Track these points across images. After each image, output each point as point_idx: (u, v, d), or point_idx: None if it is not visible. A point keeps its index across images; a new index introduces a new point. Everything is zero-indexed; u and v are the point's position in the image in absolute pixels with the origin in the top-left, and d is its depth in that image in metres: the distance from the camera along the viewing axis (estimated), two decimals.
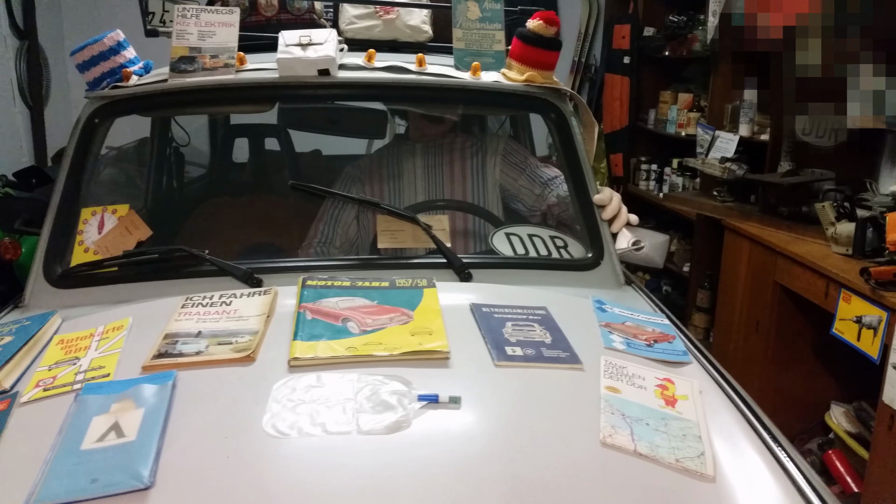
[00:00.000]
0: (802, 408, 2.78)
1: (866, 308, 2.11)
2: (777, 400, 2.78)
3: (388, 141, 2.33)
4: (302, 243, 1.92)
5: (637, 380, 1.18)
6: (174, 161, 2.47)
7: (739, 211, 2.94)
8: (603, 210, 1.72)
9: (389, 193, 2.00)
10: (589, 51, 4.97)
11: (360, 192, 1.99)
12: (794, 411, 2.79)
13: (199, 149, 2.74)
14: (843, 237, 2.38)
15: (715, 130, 3.32)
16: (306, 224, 1.92)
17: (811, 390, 2.77)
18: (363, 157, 2.14)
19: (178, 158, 2.48)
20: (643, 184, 4.41)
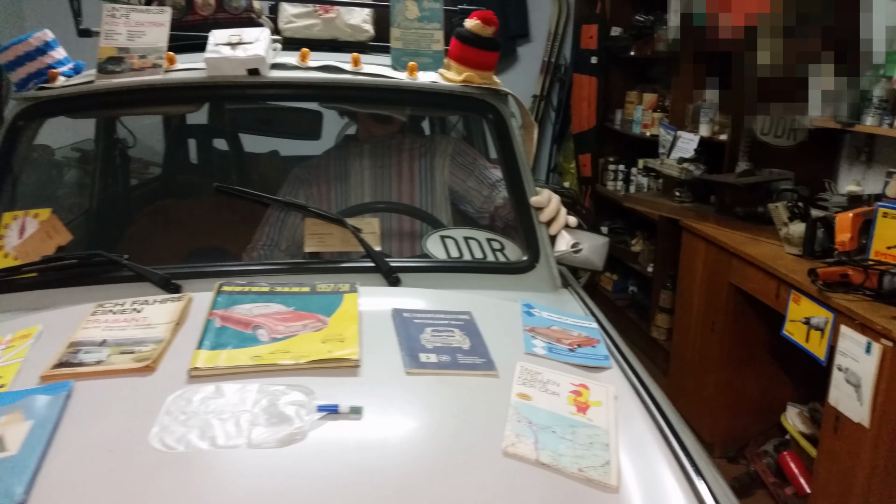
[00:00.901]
0: (760, 409, 2.78)
1: (814, 309, 2.10)
2: (734, 401, 2.78)
3: (337, 141, 2.31)
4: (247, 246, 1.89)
5: (551, 386, 1.15)
6: (121, 163, 2.43)
7: (697, 211, 2.93)
8: (541, 212, 1.70)
9: (336, 195, 1.98)
10: (559, 51, 4.96)
11: (307, 194, 1.96)
12: (752, 412, 2.79)
13: (155, 149, 2.70)
14: (796, 238, 2.37)
15: (677, 131, 3.31)
16: (253, 227, 1.89)
17: (768, 391, 2.77)
18: (311, 159, 2.11)
19: (124, 160, 2.44)
20: (611, 184, 4.41)
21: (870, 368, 1.85)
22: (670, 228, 3.22)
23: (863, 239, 2.20)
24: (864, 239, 2.19)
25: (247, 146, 2.57)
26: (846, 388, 1.95)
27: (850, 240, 2.20)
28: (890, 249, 2.08)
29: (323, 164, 2.03)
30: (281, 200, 1.74)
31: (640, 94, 4.07)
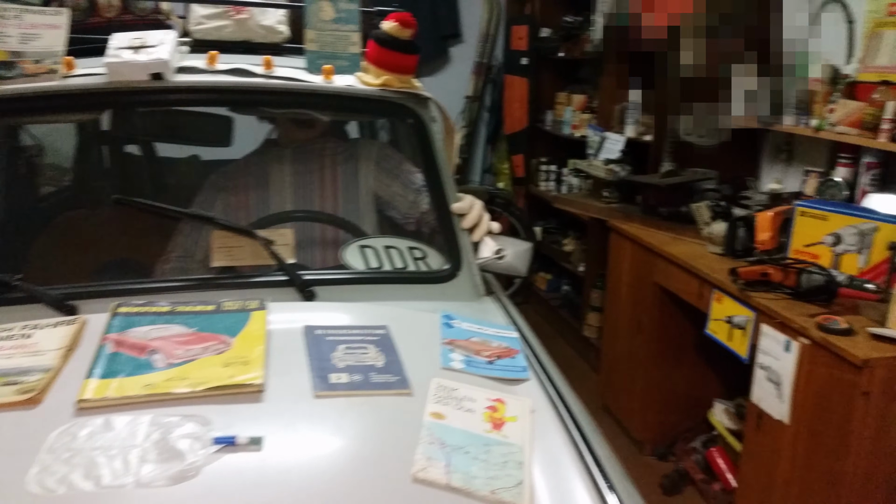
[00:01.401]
0: (688, 406, 2.82)
1: (736, 308, 2.14)
2: (663, 399, 2.81)
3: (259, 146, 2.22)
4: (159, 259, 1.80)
5: (466, 402, 1.12)
6: (26, 173, 2.28)
7: (623, 212, 2.96)
8: (463, 219, 1.67)
9: (256, 203, 1.90)
10: (491, 52, 4.95)
11: (224, 202, 1.87)
12: (681, 409, 2.83)
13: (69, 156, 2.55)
14: (718, 237, 2.41)
15: (604, 132, 3.34)
16: (166, 238, 1.79)
17: (696, 388, 2.82)
18: (229, 164, 2.02)
19: (31, 169, 2.29)
20: (543, 184, 4.43)
21: (789, 366, 1.89)
22: (599, 228, 3.24)
23: (782, 237, 2.25)
24: (783, 237, 2.24)
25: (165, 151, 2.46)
26: (767, 386, 1.99)
27: (770, 238, 2.25)
28: (808, 248, 2.13)
29: (241, 171, 1.95)
30: (181, 212, 1.65)
31: (570, 95, 4.10)
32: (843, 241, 2.02)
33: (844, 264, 2.02)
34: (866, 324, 1.80)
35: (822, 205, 2.12)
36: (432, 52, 4.78)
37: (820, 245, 2.07)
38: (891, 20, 2.17)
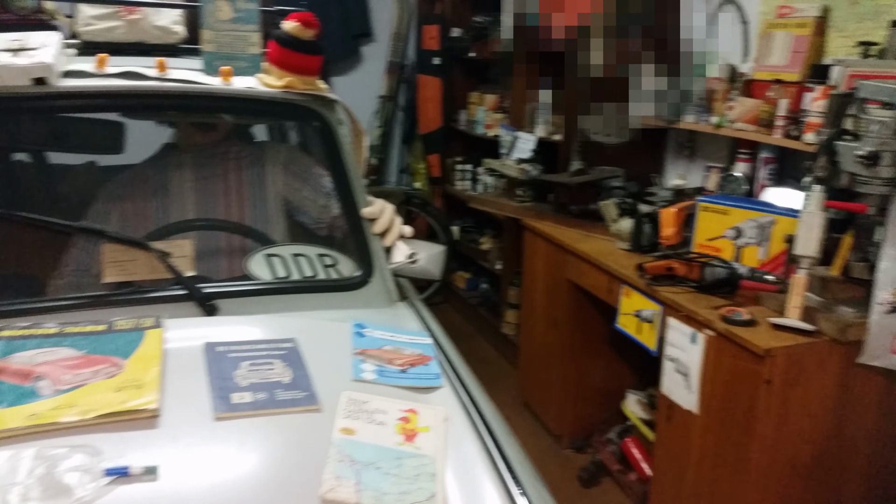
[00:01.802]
0: (603, 398, 2.88)
1: (644, 302, 2.19)
2: (579, 392, 2.86)
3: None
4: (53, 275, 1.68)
5: (378, 415, 1.09)
6: None
7: (536, 210, 2.99)
8: (374, 224, 1.64)
9: (154, 211, 1.81)
10: (403, 51, 4.92)
11: (121, 212, 1.77)
12: (596, 402, 2.89)
13: None
14: (625, 233, 2.47)
15: (516, 131, 3.37)
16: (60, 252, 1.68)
17: (611, 380, 2.88)
18: (126, 171, 1.92)
19: None
20: (459, 184, 4.44)
21: (696, 358, 1.95)
22: (514, 227, 3.27)
23: (686, 232, 2.32)
24: (687, 232, 2.31)
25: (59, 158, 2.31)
26: (676, 378, 2.04)
27: (675, 234, 2.32)
28: (711, 241, 2.21)
29: (139, 178, 1.85)
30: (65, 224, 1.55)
31: (482, 95, 4.12)
32: (744, 235, 2.10)
33: (745, 257, 2.11)
34: (767, 314, 1.87)
35: (722, 200, 2.20)
36: (343, 52, 4.71)
37: (722, 239, 2.15)
38: (781, 21, 2.28)
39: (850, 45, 2.06)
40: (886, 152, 1.63)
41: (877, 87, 1.64)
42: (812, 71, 2.08)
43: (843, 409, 1.85)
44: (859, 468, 1.93)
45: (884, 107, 1.63)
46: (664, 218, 2.35)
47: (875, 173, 1.65)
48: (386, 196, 1.93)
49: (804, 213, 1.75)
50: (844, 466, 1.91)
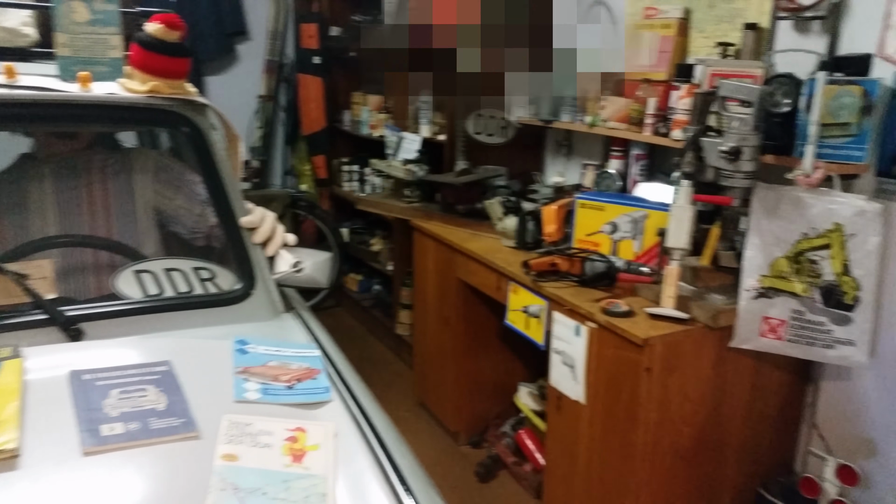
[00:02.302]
0: (497, 392, 2.93)
1: (530, 298, 2.24)
2: (474, 388, 2.89)
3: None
4: None
5: (263, 437, 1.05)
6: None
7: (424, 211, 3.00)
8: (254, 233, 1.57)
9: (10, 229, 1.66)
10: (282, 50, 4.79)
11: None
12: (491, 396, 2.93)
13: None
14: (510, 231, 2.51)
15: (400, 132, 3.35)
16: None
17: (503, 374, 2.93)
18: None
19: None
20: (347, 185, 4.38)
21: (580, 350, 2.01)
22: (404, 227, 3.26)
23: (567, 228, 2.39)
24: (568, 228, 2.38)
25: None
26: (563, 370, 2.10)
27: (556, 230, 2.39)
28: (589, 237, 2.29)
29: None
30: None
31: (365, 95, 4.08)
32: (620, 229, 2.19)
33: (622, 250, 2.19)
34: (644, 304, 1.95)
35: (598, 196, 2.28)
36: (217, 51, 4.53)
37: (600, 234, 2.23)
38: (647, 22, 2.38)
39: (711, 46, 2.19)
40: (747, 147, 1.73)
41: (735, 85, 1.75)
42: (677, 70, 2.19)
43: (719, 392, 1.96)
44: (735, 445, 2.06)
45: (742, 104, 1.74)
46: (546, 215, 2.41)
47: (737, 167, 1.75)
48: (271, 199, 1.86)
49: (674, 207, 1.84)
50: (722, 444, 2.03)
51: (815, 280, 1.76)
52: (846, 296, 1.73)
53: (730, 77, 1.84)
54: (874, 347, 1.92)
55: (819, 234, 1.74)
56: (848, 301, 1.73)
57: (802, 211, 1.74)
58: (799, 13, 1.93)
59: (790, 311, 1.80)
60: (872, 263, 1.70)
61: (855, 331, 1.75)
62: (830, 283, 1.74)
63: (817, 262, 1.75)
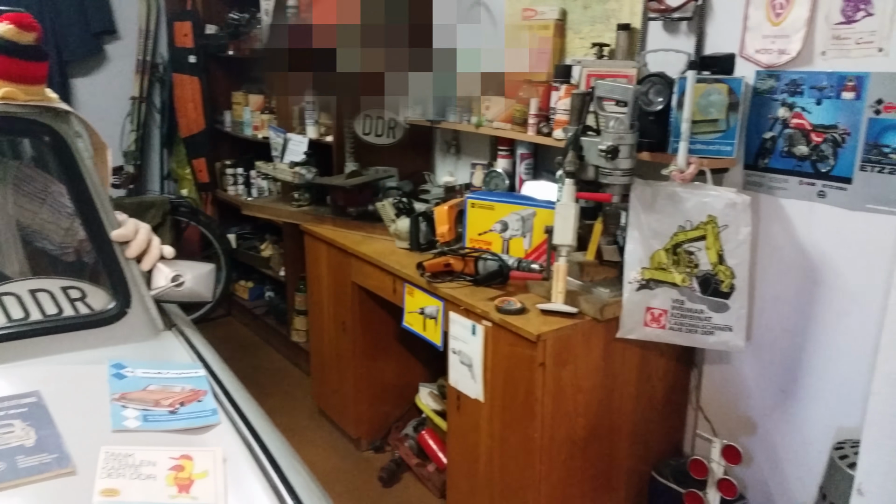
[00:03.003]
0: (398, 395, 2.91)
1: (426, 300, 2.23)
2: (374, 392, 2.87)
3: None
4: None
5: (146, 468, 0.98)
6: None
7: (315, 214, 2.93)
8: (127, 247, 1.47)
9: None
10: (154, 49, 4.55)
11: None
12: (392, 400, 2.91)
13: None
14: (403, 233, 2.50)
15: (286, 133, 3.26)
16: None
17: (404, 376, 2.92)
18: None
19: None
20: (232, 189, 4.22)
21: (477, 348, 2.03)
22: (295, 231, 3.18)
23: (459, 228, 2.41)
24: (460, 228, 2.40)
25: None
26: (461, 369, 2.11)
27: (448, 230, 2.39)
28: (481, 236, 2.31)
29: None
30: None
31: (247, 94, 3.94)
32: (510, 228, 2.22)
33: (513, 248, 2.23)
34: (536, 300, 1.99)
35: (488, 196, 2.30)
36: (84, 51, 4.26)
37: (491, 233, 2.25)
38: (526, 23, 2.43)
39: (587, 47, 2.26)
40: (624, 146, 1.80)
41: (610, 86, 1.81)
42: (557, 71, 2.24)
43: (610, 381, 2.03)
44: (627, 432, 2.14)
45: (618, 104, 1.80)
46: (438, 216, 2.41)
47: (616, 165, 1.82)
48: (149, 206, 1.76)
49: (558, 205, 1.88)
50: (615, 432, 2.10)
51: (692, 270, 1.85)
52: (722, 284, 1.83)
53: (605, 77, 1.91)
54: (750, 332, 2.05)
55: (694, 226, 1.83)
56: (724, 289, 1.84)
57: (678, 205, 1.83)
58: (667, 14, 2.03)
59: (671, 301, 1.89)
60: (744, 252, 1.81)
61: (732, 317, 1.85)
62: (707, 272, 1.84)
63: (694, 253, 1.84)
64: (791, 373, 1.99)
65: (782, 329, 1.98)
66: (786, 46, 1.81)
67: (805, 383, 1.96)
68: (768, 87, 1.87)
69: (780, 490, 2.09)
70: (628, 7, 2.16)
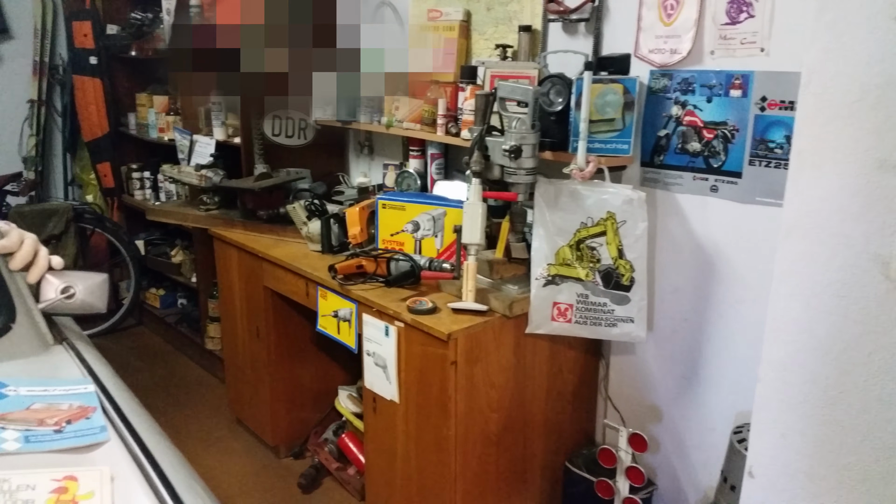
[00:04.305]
0: (317, 399, 2.88)
1: (340, 302, 2.21)
2: (292, 398, 2.82)
3: None
4: None
5: (23, 493, 0.93)
6: None
7: (224, 218, 2.85)
8: (10, 259, 1.40)
9: None
10: (52, 50, 4.34)
11: None
12: (310, 405, 2.88)
13: None
14: (315, 235, 2.46)
15: (192, 135, 3.17)
16: None
17: (322, 381, 2.88)
18: None
19: None
20: (139, 193, 4.08)
21: (391, 349, 2.02)
22: (206, 236, 3.09)
23: (372, 229, 2.39)
24: (372, 229, 2.38)
25: None
26: (376, 371, 2.10)
27: (361, 232, 2.38)
28: (394, 236, 2.30)
29: None
30: None
31: (151, 96, 3.81)
32: (422, 228, 2.22)
33: (425, 248, 2.23)
34: (448, 299, 2.00)
35: (398, 196, 2.30)
36: None
37: (403, 233, 2.25)
38: (431, 24, 2.44)
39: (492, 48, 2.29)
40: (526, 145, 1.83)
41: (512, 86, 1.84)
42: (462, 71, 2.26)
43: (521, 376, 2.06)
44: (540, 424, 2.18)
45: (519, 104, 1.83)
46: (349, 217, 2.39)
47: (519, 164, 1.85)
48: (51, 213, 1.66)
49: (466, 204, 1.90)
50: (528, 425, 2.14)
51: (595, 265, 1.90)
52: (623, 277, 1.89)
53: (508, 78, 1.93)
54: (651, 322, 2.12)
55: (595, 222, 1.88)
56: (625, 282, 1.89)
57: (579, 202, 1.88)
58: (566, 16, 2.07)
59: (576, 296, 1.93)
60: (642, 247, 1.87)
61: (633, 309, 1.92)
62: (609, 266, 1.90)
63: (596, 248, 1.89)
64: (692, 361, 2.07)
65: (682, 319, 2.06)
66: (677, 46, 1.88)
67: (705, 370, 2.05)
68: (662, 86, 1.95)
69: (687, 475, 2.17)
70: (529, 8, 2.20)
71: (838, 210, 1.05)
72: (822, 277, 1.12)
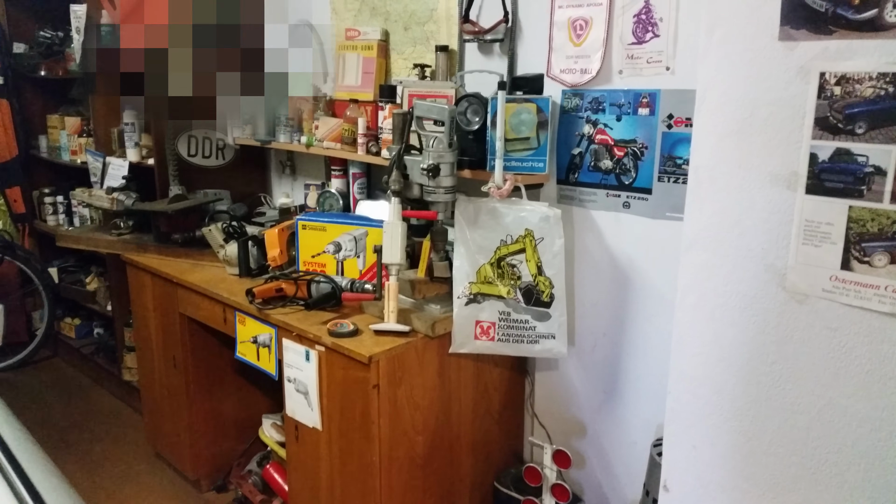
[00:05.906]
0: (240, 430, 2.78)
1: (259, 327, 2.15)
2: (212, 430, 2.72)
3: None
4: None
5: None
6: None
7: (138, 243, 2.74)
8: None
9: None
10: None
11: None
12: (233, 435, 2.78)
13: None
14: (233, 259, 2.39)
15: (105, 157, 3.05)
16: None
17: (245, 410, 2.79)
18: None
19: None
20: (51, 218, 3.90)
21: (312, 375, 1.97)
22: (120, 262, 2.96)
23: (292, 251, 2.34)
24: (293, 251, 2.33)
25: None
26: (297, 397, 2.05)
27: (280, 254, 2.32)
28: (314, 258, 2.26)
29: None
30: None
31: (63, 117, 3.66)
32: (343, 249, 2.19)
33: (348, 269, 2.19)
34: (370, 321, 1.97)
35: (319, 217, 2.26)
36: None
37: (324, 254, 2.21)
38: (350, 44, 2.42)
39: (410, 67, 2.28)
40: (444, 164, 1.83)
41: (428, 105, 1.84)
42: (381, 91, 2.24)
43: (446, 396, 2.04)
44: (467, 444, 2.16)
45: (436, 123, 1.83)
46: (268, 239, 2.33)
47: (438, 183, 1.84)
48: None
49: (386, 223, 1.88)
50: (455, 445, 2.12)
51: (516, 282, 1.90)
52: (543, 294, 1.90)
53: (426, 97, 1.93)
54: (572, 338, 2.14)
55: (514, 240, 1.89)
56: (545, 299, 1.90)
57: (499, 220, 1.88)
58: (480, 36, 2.09)
59: (498, 313, 1.93)
60: (560, 263, 1.88)
61: (554, 325, 1.93)
62: (529, 283, 1.90)
63: (516, 265, 1.89)
64: (612, 375, 2.10)
65: (602, 333, 2.09)
66: (587, 66, 1.92)
67: (625, 384, 2.08)
68: (574, 105, 1.98)
69: (612, 490, 2.19)
70: (445, 29, 2.21)
71: (736, 223, 1.08)
72: (724, 289, 1.15)
